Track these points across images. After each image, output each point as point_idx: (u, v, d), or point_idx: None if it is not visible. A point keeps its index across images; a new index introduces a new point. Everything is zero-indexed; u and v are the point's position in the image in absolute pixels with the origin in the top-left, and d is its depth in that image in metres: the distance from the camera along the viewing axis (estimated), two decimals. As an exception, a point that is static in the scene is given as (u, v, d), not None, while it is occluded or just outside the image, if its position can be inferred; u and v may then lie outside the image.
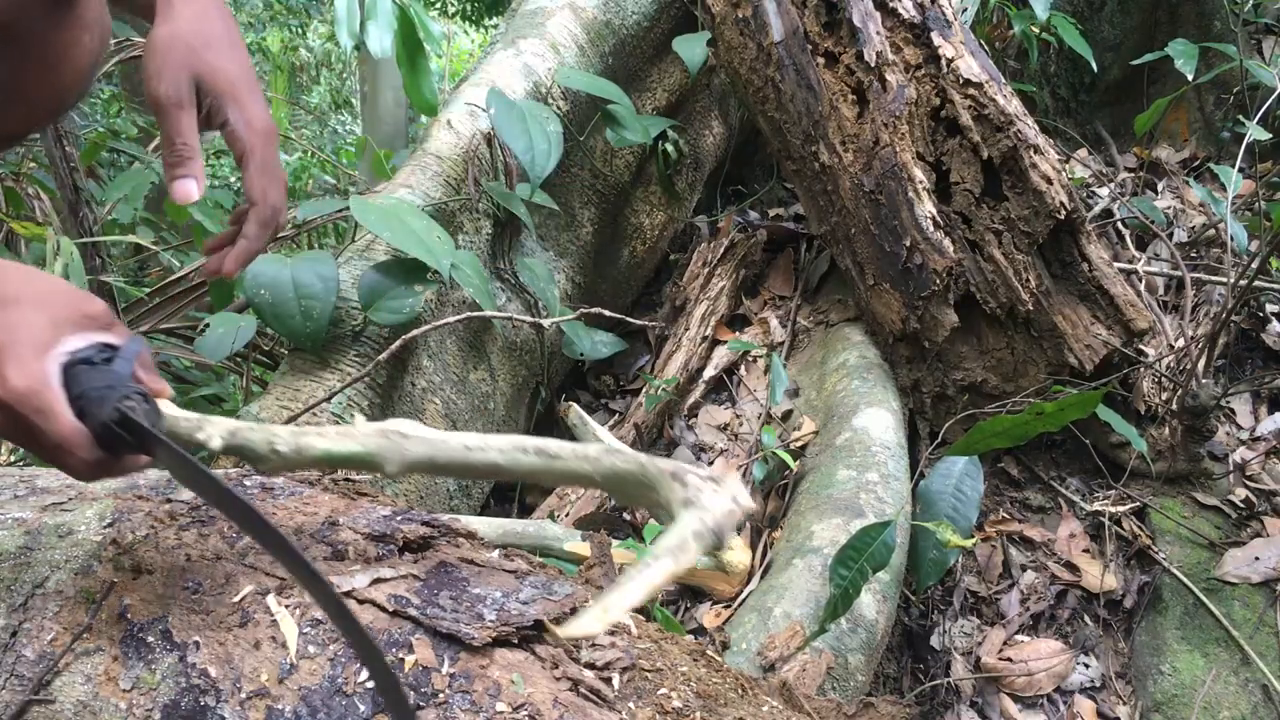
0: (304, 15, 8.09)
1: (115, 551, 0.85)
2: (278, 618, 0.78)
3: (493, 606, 0.78)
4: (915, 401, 1.87)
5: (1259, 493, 1.76)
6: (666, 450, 2.00)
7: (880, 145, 1.73)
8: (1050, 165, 1.65)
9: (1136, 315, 1.71)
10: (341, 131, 8.89)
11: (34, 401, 0.67)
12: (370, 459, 0.80)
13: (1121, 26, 2.87)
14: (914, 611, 1.67)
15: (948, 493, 1.40)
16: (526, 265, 1.84)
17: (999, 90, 1.67)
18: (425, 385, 1.61)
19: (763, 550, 1.66)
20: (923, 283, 1.73)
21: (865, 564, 1.28)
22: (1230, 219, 1.86)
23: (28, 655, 0.78)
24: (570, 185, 2.03)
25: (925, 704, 1.54)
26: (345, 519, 0.89)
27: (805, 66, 1.81)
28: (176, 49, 0.81)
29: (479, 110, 1.75)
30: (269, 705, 0.72)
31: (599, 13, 2.07)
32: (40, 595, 0.82)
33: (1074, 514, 1.80)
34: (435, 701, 0.71)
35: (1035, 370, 1.75)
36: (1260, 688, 1.50)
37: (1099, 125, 2.90)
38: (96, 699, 0.76)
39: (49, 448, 0.69)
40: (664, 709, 0.75)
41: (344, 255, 1.58)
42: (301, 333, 1.40)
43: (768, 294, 2.27)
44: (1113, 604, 1.68)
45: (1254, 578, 1.62)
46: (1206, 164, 2.61)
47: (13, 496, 0.93)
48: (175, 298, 1.98)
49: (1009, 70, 2.61)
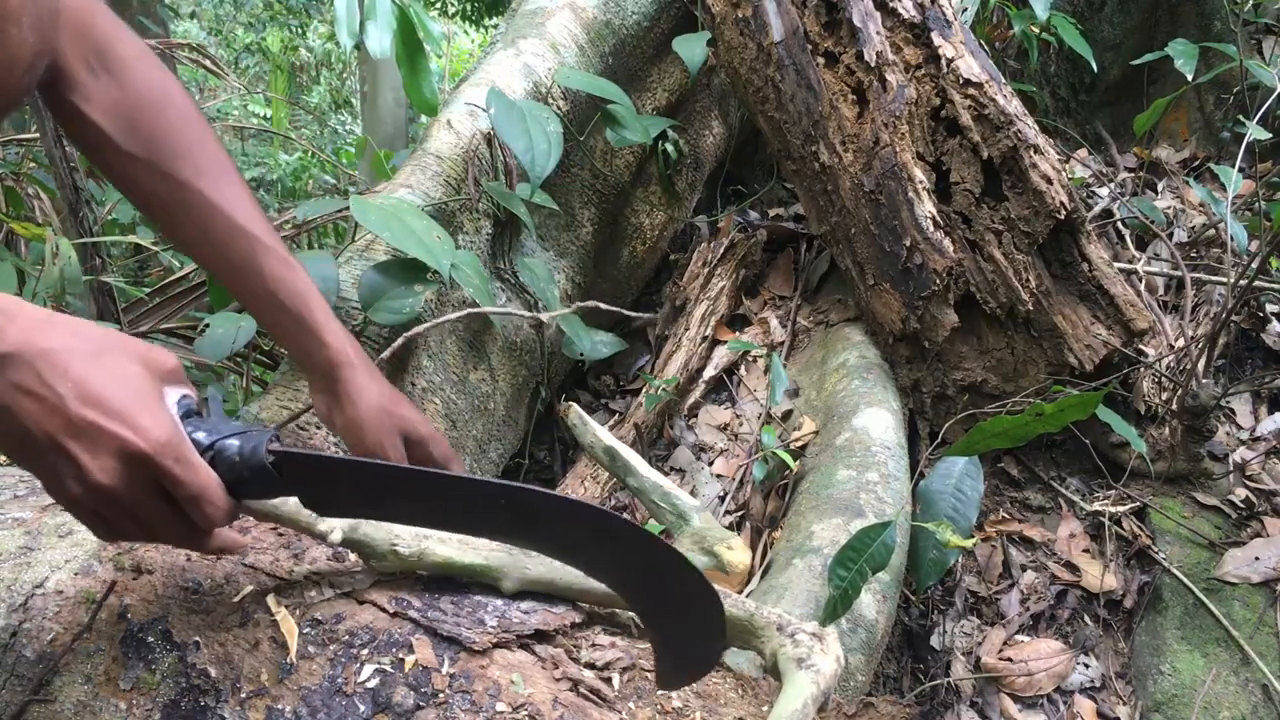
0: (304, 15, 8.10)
1: (115, 551, 0.85)
2: (278, 618, 0.78)
3: (494, 613, 0.79)
4: (915, 401, 1.87)
5: (1259, 493, 1.76)
6: (666, 450, 2.00)
7: (880, 145, 1.73)
8: (1050, 165, 1.65)
9: (1136, 315, 1.71)
10: (341, 131, 8.89)
11: (174, 451, 0.65)
12: (490, 572, 0.84)
13: (1121, 26, 2.87)
14: (914, 611, 1.67)
15: (948, 493, 1.40)
16: (526, 265, 1.84)
17: (999, 90, 1.67)
18: (425, 385, 1.61)
19: (763, 550, 1.66)
20: (923, 283, 1.73)
21: (865, 564, 1.28)
22: (1230, 219, 1.86)
23: (28, 655, 0.79)
24: (570, 185, 2.03)
25: (925, 704, 1.54)
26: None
27: (805, 66, 1.81)
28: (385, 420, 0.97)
29: (479, 110, 1.75)
30: (269, 705, 0.73)
31: (599, 13, 2.07)
32: (40, 595, 0.82)
33: (1074, 514, 1.80)
34: (435, 701, 0.71)
35: (1035, 370, 1.75)
36: (1260, 688, 1.50)
37: (1099, 125, 2.90)
38: (96, 699, 0.76)
39: (185, 499, 0.67)
40: (664, 709, 0.75)
41: (344, 255, 1.58)
42: (301, 333, 1.40)
43: (768, 294, 2.27)
44: (1113, 604, 1.68)
45: (1254, 578, 1.62)
46: (1206, 164, 2.61)
47: (13, 496, 0.93)
48: (175, 298, 1.98)
49: (1009, 70, 2.61)
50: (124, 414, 0.63)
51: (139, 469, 0.64)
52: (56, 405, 0.61)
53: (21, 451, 0.64)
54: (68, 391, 0.61)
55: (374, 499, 0.75)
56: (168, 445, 0.64)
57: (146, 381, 0.66)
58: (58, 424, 0.61)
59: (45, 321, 0.63)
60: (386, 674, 0.73)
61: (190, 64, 2.87)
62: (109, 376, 0.64)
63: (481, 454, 1.75)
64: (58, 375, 0.61)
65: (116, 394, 0.63)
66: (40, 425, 0.61)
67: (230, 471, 0.70)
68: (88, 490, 0.64)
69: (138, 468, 0.64)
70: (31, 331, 0.62)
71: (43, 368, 0.61)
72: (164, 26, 4.76)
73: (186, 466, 0.66)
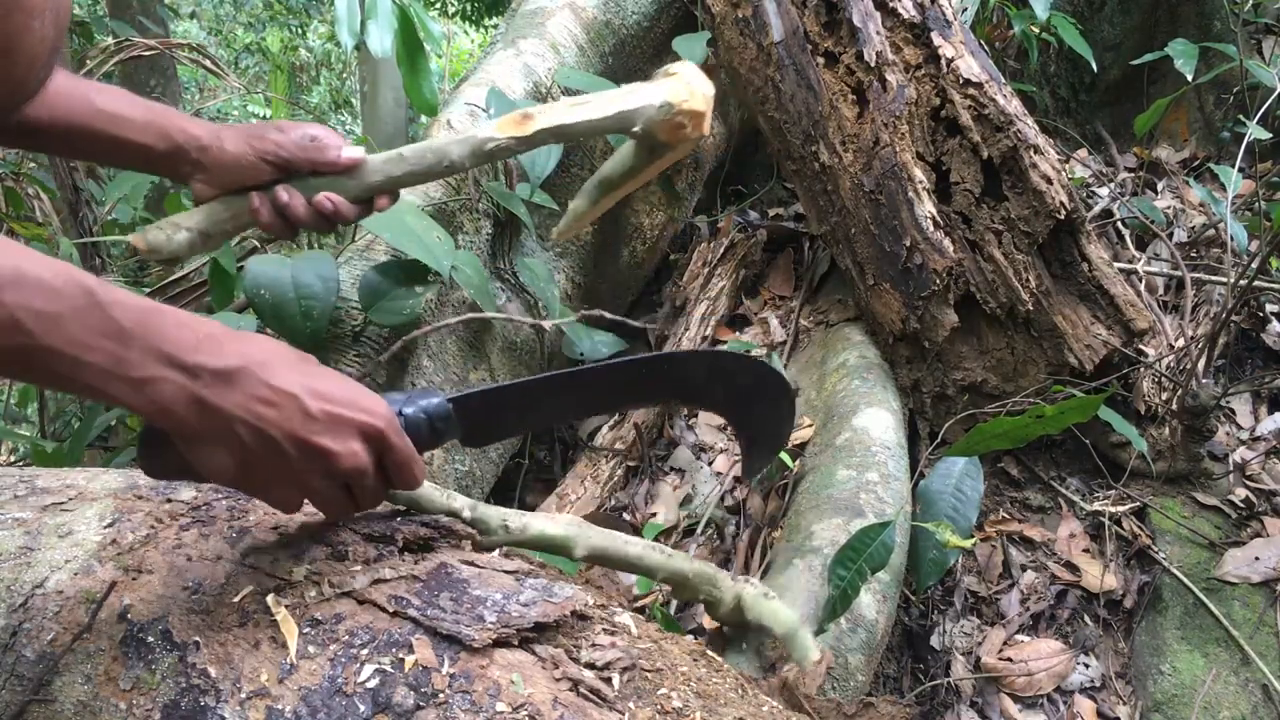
0: (304, 15, 8.10)
1: (115, 551, 0.85)
2: (278, 618, 0.78)
3: (493, 608, 0.79)
4: (915, 401, 1.87)
5: (1259, 493, 1.76)
6: (666, 450, 2.00)
7: (880, 145, 1.73)
8: (1050, 165, 1.65)
9: (1136, 315, 1.71)
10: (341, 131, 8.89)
11: (394, 425, 0.73)
12: (567, 542, 0.97)
13: (1121, 26, 2.87)
14: (914, 611, 1.67)
15: (948, 493, 1.40)
16: (526, 265, 1.84)
17: (999, 90, 1.67)
18: (425, 385, 1.61)
19: (762, 550, 1.66)
20: (923, 283, 1.73)
21: (864, 564, 1.28)
22: (1230, 219, 1.86)
23: (28, 655, 0.79)
24: (570, 185, 2.04)
25: (925, 704, 1.54)
26: (346, 519, 0.89)
27: (805, 66, 1.81)
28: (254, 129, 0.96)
29: (479, 110, 1.75)
30: (269, 705, 0.73)
31: (599, 13, 2.07)
32: (40, 595, 0.82)
33: (1074, 514, 1.80)
34: (435, 701, 0.71)
35: (1035, 370, 1.75)
36: (1260, 688, 1.50)
37: (1099, 125, 2.90)
38: (96, 699, 0.76)
39: (398, 464, 0.74)
40: (664, 709, 0.75)
41: (344, 255, 1.59)
42: (301, 333, 1.40)
43: (768, 294, 2.27)
44: (1113, 604, 1.68)
45: (1254, 578, 1.62)
46: (1206, 164, 2.61)
47: (13, 496, 0.93)
48: (175, 298, 1.98)
49: (1009, 70, 2.61)
50: (353, 402, 0.70)
51: (375, 445, 0.72)
52: (297, 407, 0.66)
53: (264, 462, 0.67)
54: (302, 392, 0.67)
55: (539, 407, 0.87)
56: (391, 421, 0.73)
57: (328, 373, 0.72)
58: (301, 422, 0.67)
59: (239, 336, 0.68)
60: (386, 674, 0.73)
61: (190, 64, 2.87)
62: (317, 374, 0.70)
63: (481, 454, 1.75)
64: (286, 380, 0.67)
65: (335, 388, 0.70)
66: (285, 428, 0.66)
67: (415, 431, 0.79)
68: (337, 476, 0.70)
69: (375, 444, 0.72)
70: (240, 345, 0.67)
71: (269, 376, 0.66)
72: (164, 26, 4.76)
73: (402, 437, 0.74)
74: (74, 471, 0.98)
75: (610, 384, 0.90)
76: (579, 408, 0.96)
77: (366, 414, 0.70)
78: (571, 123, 0.94)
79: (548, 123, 0.93)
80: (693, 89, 0.92)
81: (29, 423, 2.15)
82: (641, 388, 0.92)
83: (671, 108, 0.91)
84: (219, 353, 0.65)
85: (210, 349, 0.65)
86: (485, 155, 0.95)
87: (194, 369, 0.64)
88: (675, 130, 0.92)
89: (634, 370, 0.90)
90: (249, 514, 0.89)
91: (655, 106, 0.91)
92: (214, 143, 0.93)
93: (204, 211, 0.96)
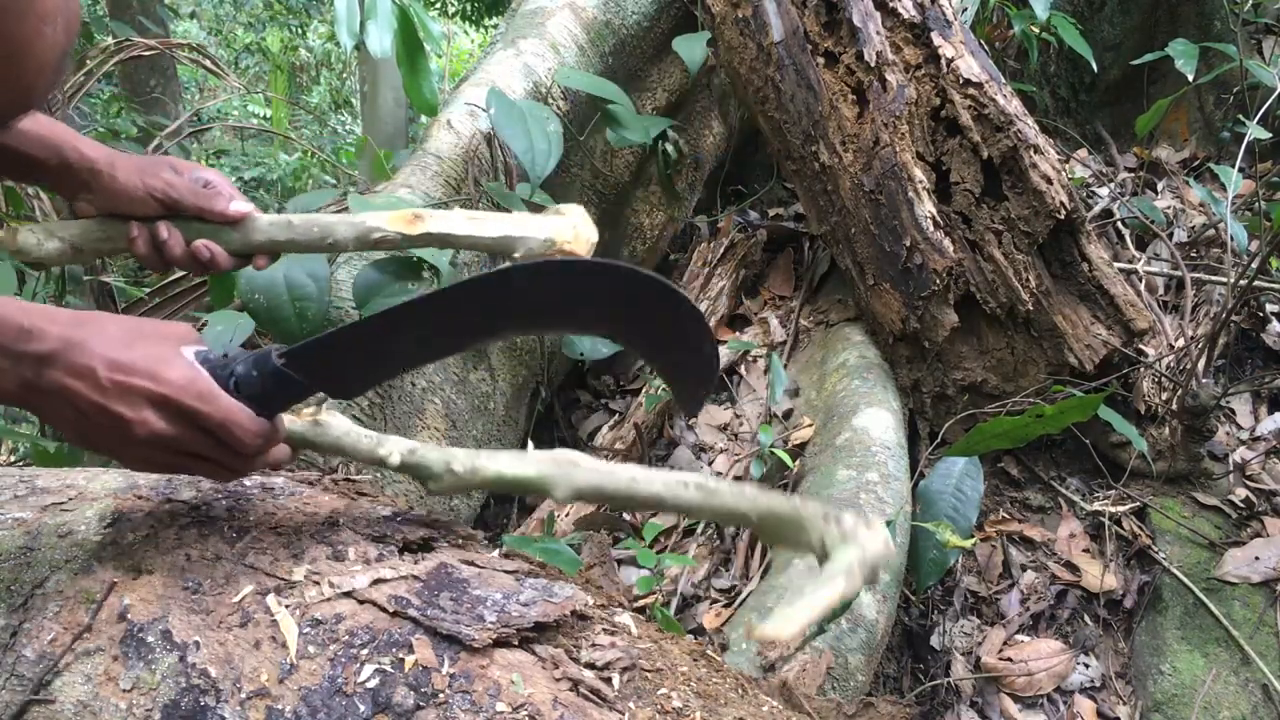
0: (304, 15, 8.10)
1: (115, 551, 0.85)
2: (278, 618, 0.78)
3: (493, 608, 0.78)
4: (915, 401, 1.87)
5: (1259, 493, 1.76)
6: (667, 450, 2.00)
7: (880, 145, 1.73)
8: (1050, 165, 1.65)
9: (1136, 315, 1.71)
10: (341, 131, 8.89)
11: (194, 388, 0.76)
12: (542, 483, 0.87)
13: (1121, 26, 2.87)
14: (914, 611, 1.67)
15: (948, 493, 1.40)
16: (526, 265, 1.84)
17: (999, 90, 1.67)
18: (425, 385, 1.61)
19: (762, 550, 1.66)
20: (923, 283, 1.73)
21: (865, 564, 1.28)
22: (1230, 219, 1.86)
23: (28, 655, 0.79)
24: (570, 185, 2.03)
25: (925, 704, 1.54)
26: (345, 519, 0.89)
27: (805, 66, 1.81)
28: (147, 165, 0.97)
29: (479, 110, 1.75)
30: (269, 705, 0.73)
31: (599, 13, 2.07)
32: (40, 595, 0.82)
33: (1074, 514, 1.80)
34: (435, 701, 0.71)
35: (1035, 370, 1.75)
36: (1260, 688, 1.50)
37: (1099, 125, 2.90)
38: (96, 699, 0.76)
39: (214, 428, 0.76)
40: (664, 709, 0.75)
41: (342, 255, 1.59)
42: (297, 334, 1.40)
43: (768, 294, 2.27)
44: (1113, 604, 1.68)
45: (1254, 578, 1.62)
46: (1206, 164, 2.61)
47: (13, 496, 0.93)
48: (175, 298, 1.98)
49: (1009, 70, 2.60)
50: (145, 370, 0.75)
51: (170, 411, 0.75)
52: (94, 378, 0.74)
53: (85, 430, 0.76)
54: (99, 364, 0.74)
55: (388, 349, 0.81)
56: (186, 386, 0.75)
57: (162, 344, 0.78)
58: (99, 394, 0.74)
59: (76, 319, 0.76)
60: (386, 674, 0.73)
61: (190, 64, 2.87)
62: (128, 347, 0.76)
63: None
64: (89, 355, 0.74)
65: (136, 357, 0.75)
66: (88, 398, 0.73)
67: (254, 391, 0.78)
68: (142, 442, 0.75)
69: (169, 410, 0.75)
70: (66, 329, 0.75)
71: (75, 354, 0.74)
72: (164, 26, 4.76)
73: (207, 400, 0.76)
74: (74, 471, 0.98)
75: (454, 310, 0.79)
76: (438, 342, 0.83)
77: (154, 381, 0.75)
78: (458, 234, 0.98)
79: (436, 229, 0.97)
80: (578, 232, 0.98)
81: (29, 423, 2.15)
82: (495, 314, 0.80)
83: (553, 244, 0.96)
84: (42, 338, 0.73)
85: (35, 336, 0.73)
86: (370, 243, 0.99)
87: (18, 355, 0.72)
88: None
89: (476, 292, 0.77)
90: (249, 514, 0.89)
91: (539, 240, 0.96)
92: (106, 169, 0.96)
93: (81, 226, 0.98)
